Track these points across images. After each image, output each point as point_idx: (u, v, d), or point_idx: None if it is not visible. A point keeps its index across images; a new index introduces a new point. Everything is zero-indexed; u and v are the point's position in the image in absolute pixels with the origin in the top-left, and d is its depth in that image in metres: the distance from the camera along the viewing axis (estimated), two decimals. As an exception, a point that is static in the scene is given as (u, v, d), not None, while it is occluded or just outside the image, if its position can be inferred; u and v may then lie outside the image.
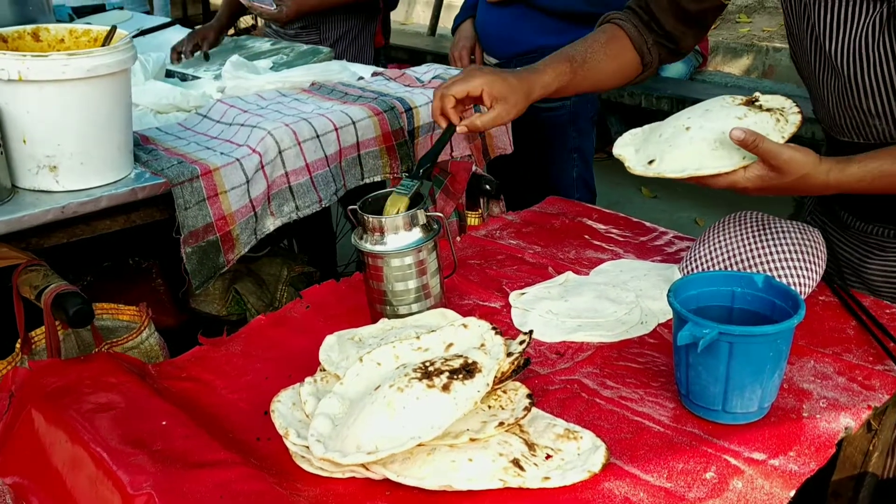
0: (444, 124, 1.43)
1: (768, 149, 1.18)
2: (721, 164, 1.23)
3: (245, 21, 6.68)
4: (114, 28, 1.50)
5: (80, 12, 3.43)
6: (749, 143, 1.18)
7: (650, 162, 1.29)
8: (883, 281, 1.50)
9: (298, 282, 2.37)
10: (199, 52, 2.57)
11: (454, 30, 2.69)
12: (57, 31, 1.57)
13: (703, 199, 4.48)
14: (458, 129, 1.42)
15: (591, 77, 1.55)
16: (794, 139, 1.26)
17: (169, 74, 2.49)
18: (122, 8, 3.69)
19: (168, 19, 3.34)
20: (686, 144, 1.27)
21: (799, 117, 1.28)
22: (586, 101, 2.54)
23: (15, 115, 1.40)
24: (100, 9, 3.54)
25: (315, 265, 2.50)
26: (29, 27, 1.55)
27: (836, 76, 1.38)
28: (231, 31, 6.29)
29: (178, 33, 2.93)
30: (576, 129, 2.55)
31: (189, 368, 1.33)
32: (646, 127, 1.39)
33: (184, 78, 2.47)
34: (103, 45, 1.47)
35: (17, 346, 1.48)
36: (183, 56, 2.55)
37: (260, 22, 6.60)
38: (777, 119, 1.28)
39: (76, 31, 1.57)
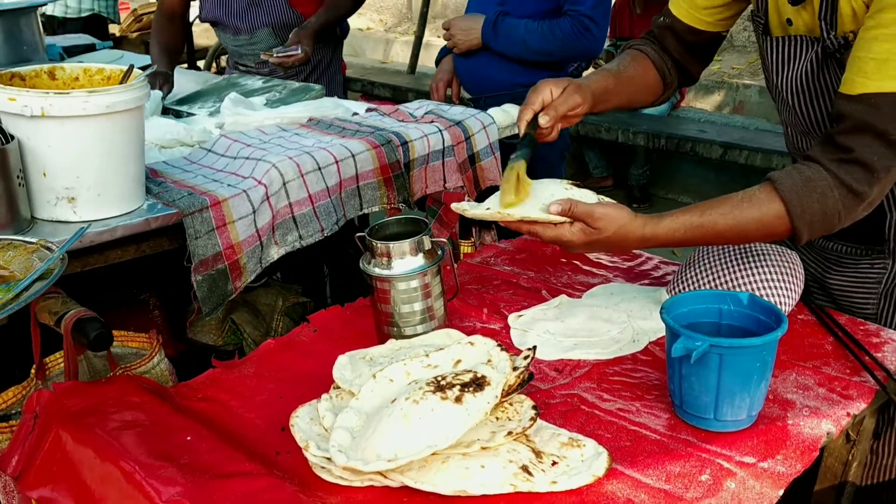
0: (523, 127, 1.50)
1: (583, 209, 1.30)
2: (550, 217, 1.32)
3: (225, 60, 6.78)
4: (131, 67, 1.58)
5: (71, 52, 3.51)
6: (567, 211, 1.30)
7: (487, 209, 1.38)
8: (840, 293, 1.62)
9: (294, 312, 2.43)
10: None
11: (437, 63, 2.85)
12: (72, 70, 1.64)
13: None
14: (540, 118, 1.49)
15: (630, 86, 1.67)
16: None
17: (164, 112, 2.56)
18: (112, 47, 3.78)
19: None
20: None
21: (614, 202, 1.39)
22: None
23: (36, 150, 1.47)
24: (90, 48, 3.62)
25: (307, 296, 2.56)
26: (45, 66, 1.62)
27: (787, 108, 1.52)
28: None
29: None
30: (543, 163, 2.66)
31: (204, 390, 1.39)
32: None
33: (178, 115, 2.54)
34: (121, 83, 1.54)
35: (32, 371, 1.53)
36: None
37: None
38: (596, 194, 1.40)
39: (90, 70, 1.65)
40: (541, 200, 1.36)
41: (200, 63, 6.20)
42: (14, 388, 1.49)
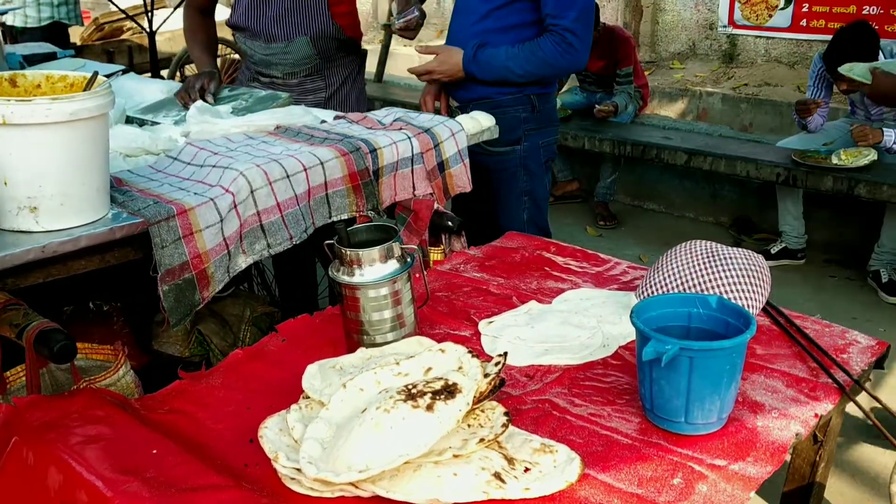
0: None
1: None
2: None
3: (190, 69, 6.73)
4: (95, 73, 1.55)
5: (31, 60, 3.45)
6: None
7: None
8: None
9: (261, 321, 2.40)
10: (207, 95, 2.59)
11: None
12: (34, 77, 1.61)
13: (644, 237, 4.65)
14: None
15: None
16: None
17: (128, 121, 2.53)
18: (74, 56, 3.72)
19: (122, 67, 3.38)
20: None
21: None
22: (538, 146, 2.66)
23: (-4, 159, 1.43)
24: (51, 57, 3.57)
25: (288, 303, 2.54)
26: (6, 74, 1.59)
27: None
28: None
29: (132, 80, 2.96)
30: (527, 172, 2.66)
31: (171, 402, 1.37)
32: None
33: (142, 124, 2.51)
34: (85, 90, 1.51)
35: (-7, 385, 1.50)
36: (191, 98, 2.56)
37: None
38: None
39: (52, 77, 1.62)
40: None
41: (164, 72, 6.14)
42: (-26, 403, 1.45)
